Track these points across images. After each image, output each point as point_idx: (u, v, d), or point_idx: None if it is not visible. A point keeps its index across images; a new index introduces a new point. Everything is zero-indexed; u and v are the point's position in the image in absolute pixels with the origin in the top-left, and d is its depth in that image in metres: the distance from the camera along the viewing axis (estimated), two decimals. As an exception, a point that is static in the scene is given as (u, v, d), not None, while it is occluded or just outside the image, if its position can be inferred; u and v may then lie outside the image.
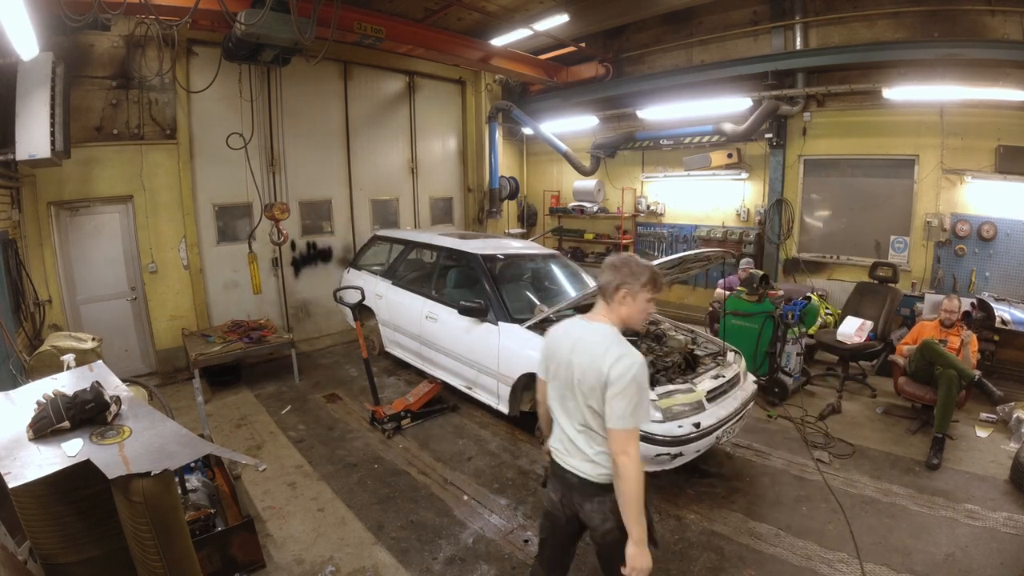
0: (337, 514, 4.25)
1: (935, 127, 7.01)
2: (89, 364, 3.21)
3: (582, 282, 6.53)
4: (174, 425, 2.65)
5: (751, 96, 8.17)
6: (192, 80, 7.11)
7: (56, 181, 6.20)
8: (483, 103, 10.80)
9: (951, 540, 3.85)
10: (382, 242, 8.03)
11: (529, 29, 8.58)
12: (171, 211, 7.10)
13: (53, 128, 4.96)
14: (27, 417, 2.44)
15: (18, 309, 5.41)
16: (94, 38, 6.37)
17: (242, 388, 6.86)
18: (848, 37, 7.61)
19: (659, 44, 9.66)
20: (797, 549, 3.80)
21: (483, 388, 5.70)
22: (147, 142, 6.81)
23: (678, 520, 4.17)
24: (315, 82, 8.46)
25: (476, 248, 6.32)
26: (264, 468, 4.81)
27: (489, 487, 4.63)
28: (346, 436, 5.56)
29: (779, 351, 6.14)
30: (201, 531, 3.40)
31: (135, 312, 7.12)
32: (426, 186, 10.51)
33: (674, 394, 4.38)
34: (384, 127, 9.66)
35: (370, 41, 7.34)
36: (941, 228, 7.03)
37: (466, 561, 3.72)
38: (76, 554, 2.40)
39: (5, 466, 2.15)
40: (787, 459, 5.04)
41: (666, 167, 9.91)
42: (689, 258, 5.05)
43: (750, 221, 8.98)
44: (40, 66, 4.94)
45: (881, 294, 6.73)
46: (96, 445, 2.35)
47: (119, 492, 2.17)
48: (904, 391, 5.52)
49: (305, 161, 8.56)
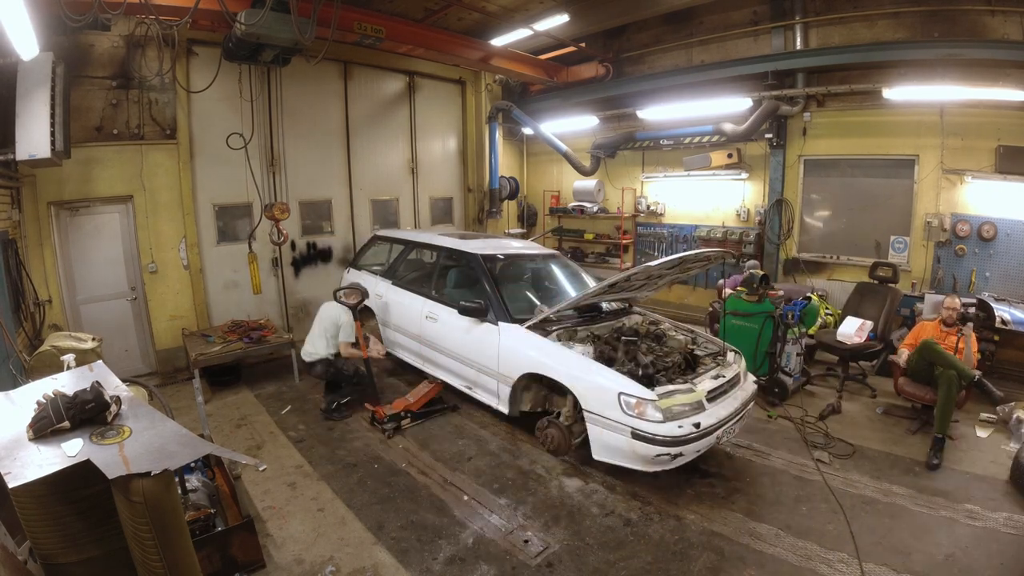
0: (337, 514, 4.25)
1: (935, 127, 7.01)
2: (89, 364, 3.21)
3: (582, 282, 6.53)
4: (174, 425, 2.65)
5: (751, 96, 8.17)
6: (192, 80, 7.11)
7: (56, 181, 6.19)
8: (483, 103, 10.79)
9: (951, 540, 3.85)
10: (382, 242, 8.03)
11: (529, 29, 8.58)
12: (171, 211, 7.09)
13: (53, 128, 4.96)
14: (27, 417, 2.45)
15: (18, 309, 5.41)
16: (94, 38, 6.37)
17: (242, 388, 6.86)
18: (848, 37, 7.61)
19: (659, 44, 9.66)
20: (797, 549, 3.80)
21: (483, 388, 5.70)
22: (147, 142, 6.81)
23: (678, 520, 4.17)
24: (315, 82, 8.46)
25: (476, 248, 6.32)
26: (264, 468, 4.80)
27: (489, 487, 4.63)
28: (346, 436, 5.56)
29: (779, 351, 6.14)
30: (201, 531, 3.40)
31: (135, 312, 7.12)
32: (426, 186, 10.51)
33: (674, 394, 4.39)
34: (384, 127, 9.65)
35: (370, 41, 7.34)
36: (941, 228, 7.03)
37: (466, 561, 3.72)
38: (76, 554, 2.40)
39: (5, 466, 2.15)
40: (787, 459, 5.04)
41: (666, 167, 9.91)
42: (689, 258, 5.06)
43: (750, 221, 8.98)
44: (40, 66, 4.94)
45: (881, 294, 6.73)
46: (96, 445, 2.35)
47: (119, 492, 2.17)
48: (904, 391, 5.52)
49: (305, 161, 8.55)
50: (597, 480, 4.73)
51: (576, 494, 4.53)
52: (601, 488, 4.61)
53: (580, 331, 5.41)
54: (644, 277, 5.15)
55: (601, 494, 4.53)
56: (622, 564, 3.68)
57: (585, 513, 4.26)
